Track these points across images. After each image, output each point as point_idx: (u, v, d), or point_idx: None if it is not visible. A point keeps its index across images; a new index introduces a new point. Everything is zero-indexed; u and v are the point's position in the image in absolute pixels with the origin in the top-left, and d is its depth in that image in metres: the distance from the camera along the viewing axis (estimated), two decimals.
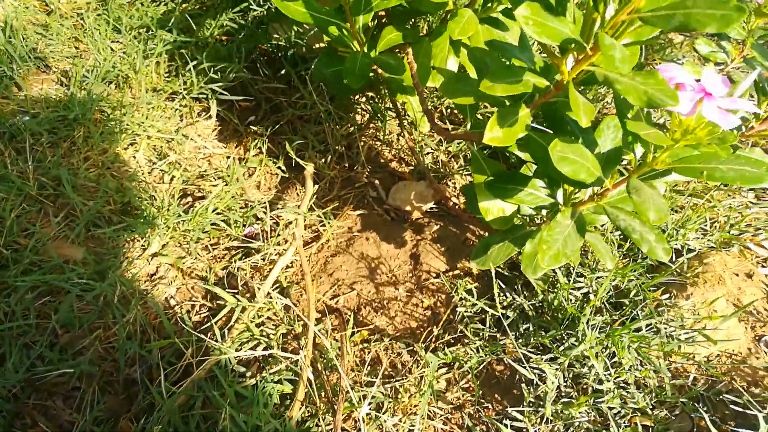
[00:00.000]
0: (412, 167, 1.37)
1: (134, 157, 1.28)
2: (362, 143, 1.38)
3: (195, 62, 1.39)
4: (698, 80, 0.74)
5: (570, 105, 0.74)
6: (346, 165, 1.36)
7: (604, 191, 0.89)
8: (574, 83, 0.81)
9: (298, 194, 1.30)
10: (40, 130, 1.21)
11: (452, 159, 1.36)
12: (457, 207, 1.26)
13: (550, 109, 0.89)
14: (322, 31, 1.09)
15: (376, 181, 1.33)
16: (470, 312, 1.03)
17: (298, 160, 1.30)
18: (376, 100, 1.40)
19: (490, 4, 1.14)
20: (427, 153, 1.38)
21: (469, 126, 1.07)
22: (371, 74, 1.21)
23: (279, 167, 1.32)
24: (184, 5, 1.54)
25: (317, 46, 1.48)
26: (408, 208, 1.28)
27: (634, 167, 0.84)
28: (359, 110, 1.43)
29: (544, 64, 0.89)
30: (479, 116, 1.38)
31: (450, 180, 1.34)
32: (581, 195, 0.94)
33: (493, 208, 0.99)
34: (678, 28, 0.65)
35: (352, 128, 1.39)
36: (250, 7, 1.48)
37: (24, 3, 1.50)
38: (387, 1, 1.02)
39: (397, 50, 1.25)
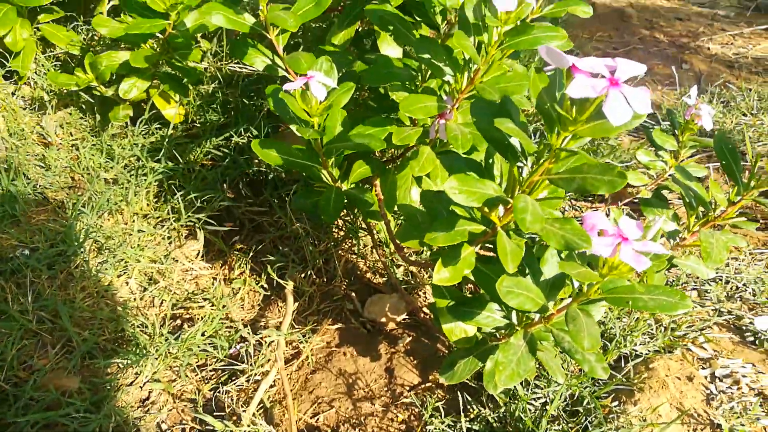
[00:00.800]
0: (386, 278, 1.49)
1: (127, 283, 1.38)
2: (339, 258, 1.50)
3: (182, 192, 1.52)
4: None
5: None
6: (325, 279, 1.47)
7: (550, 314, 1.01)
8: (506, 228, 0.94)
9: (280, 311, 1.40)
10: (39, 266, 1.31)
11: (422, 270, 1.48)
12: (427, 318, 1.37)
13: (493, 243, 1.02)
14: (298, 171, 1.23)
15: (353, 294, 1.44)
16: (439, 429, 1.12)
17: (279, 280, 1.41)
18: (351, 219, 1.53)
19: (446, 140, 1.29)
20: (399, 265, 1.49)
21: (429, 254, 1.20)
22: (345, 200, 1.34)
23: (262, 285, 1.43)
24: (171, 132, 1.68)
25: (295, 170, 1.62)
26: (383, 319, 1.38)
27: (573, 296, 0.96)
28: (335, 229, 1.55)
29: None
30: None
31: (421, 290, 1.46)
32: (532, 315, 1.06)
33: (455, 330, 1.10)
34: (577, 190, 0.78)
35: (329, 244, 1.51)
36: (233, 136, 1.63)
37: (24, 140, 1.64)
38: (353, 149, 1.17)
39: (372, 176, 1.39)
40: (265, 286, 1.43)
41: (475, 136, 1.15)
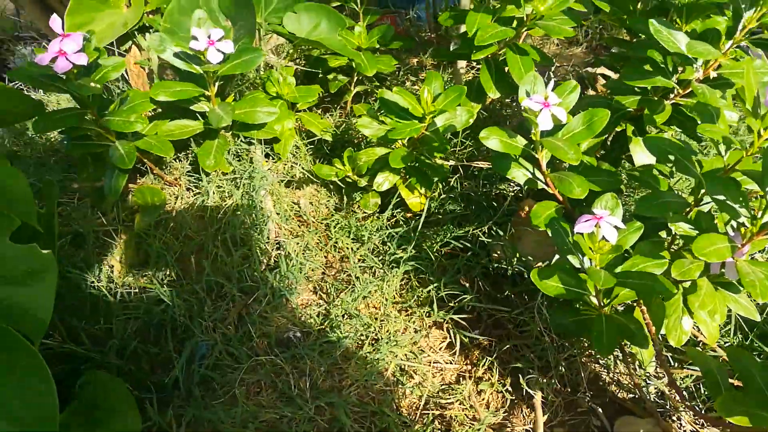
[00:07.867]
0: (633, 395, 1.44)
1: (382, 375, 1.49)
2: (583, 366, 1.48)
3: (430, 286, 1.60)
4: None
5: None
6: (568, 389, 1.46)
7: None
8: None
9: (524, 418, 1.42)
10: (312, 353, 1.46)
11: (675, 393, 1.42)
12: None
13: None
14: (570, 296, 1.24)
15: (599, 410, 1.42)
16: None
17: (528, 389, 1.43)
18: None
19: (723, 270, 1.23)
20: (650, 384, 1.44)
21: None
22: None
23: (507, 389, 1.46)
24: (410, 217, 1.79)
25: (539, 264, 1.64)
26: None
27: None
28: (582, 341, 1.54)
29: None
30: None
31: (674, 415, 1.39)
32: None
33: None
34: None
35: (573, 350, 1.50)
36: (470, 229, 1.69)
37: (287, 220, 1.85)
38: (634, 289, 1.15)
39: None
40: (510, 389, 1.46)
41: None
